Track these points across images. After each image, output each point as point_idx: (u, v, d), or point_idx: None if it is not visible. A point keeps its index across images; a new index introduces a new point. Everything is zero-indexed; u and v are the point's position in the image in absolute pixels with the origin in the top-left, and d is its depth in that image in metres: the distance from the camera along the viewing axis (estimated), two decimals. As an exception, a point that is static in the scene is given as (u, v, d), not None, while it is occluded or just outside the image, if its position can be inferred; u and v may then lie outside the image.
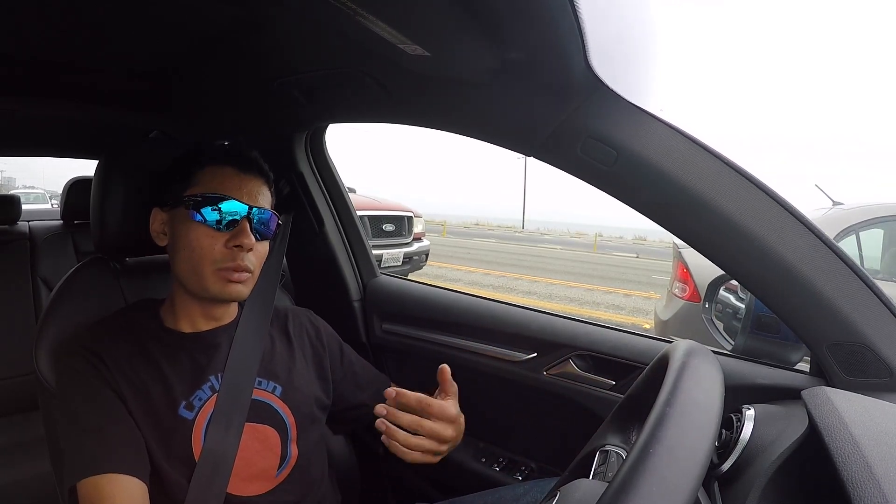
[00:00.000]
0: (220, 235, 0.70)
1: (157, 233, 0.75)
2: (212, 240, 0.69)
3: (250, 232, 0.71)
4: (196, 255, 0.69)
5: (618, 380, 0.94)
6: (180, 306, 0.75)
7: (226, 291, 0.70)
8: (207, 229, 0.69)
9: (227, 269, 0.69)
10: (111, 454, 0.63)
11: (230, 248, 0.69)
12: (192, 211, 0.69)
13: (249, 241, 0.70)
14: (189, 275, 0.71)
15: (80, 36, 0.85)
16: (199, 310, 0.75)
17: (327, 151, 1.22)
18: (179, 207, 0.71)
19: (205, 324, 0.76)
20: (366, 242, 1.28)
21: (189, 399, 0.70)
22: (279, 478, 0.74)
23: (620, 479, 0.34)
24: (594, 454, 0.61)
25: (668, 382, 0.43)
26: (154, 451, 0.67)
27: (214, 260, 0.69)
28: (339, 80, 0.85)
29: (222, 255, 0.69)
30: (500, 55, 0.64)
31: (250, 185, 0.74)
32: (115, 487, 0.61)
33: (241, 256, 0.70)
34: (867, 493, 0.39)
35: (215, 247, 0.69)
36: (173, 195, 0.72)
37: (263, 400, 0.76)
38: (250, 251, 0.71)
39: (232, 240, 0.69)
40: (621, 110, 0.68)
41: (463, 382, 0.97)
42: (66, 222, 1.91)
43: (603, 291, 7.54)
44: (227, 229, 0.70)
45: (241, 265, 0.70)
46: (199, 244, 0.69)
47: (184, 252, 0.70)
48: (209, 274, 0.69)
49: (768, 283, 0.66)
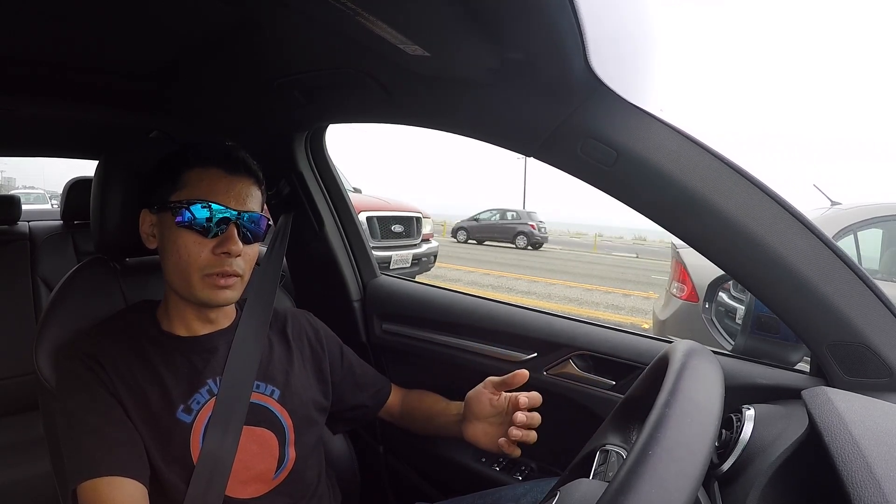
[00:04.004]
0: (208, 242, 0.69)
1: (147, 235, 0.74)
2: (199, 246, 0.68)
3: (238, 238, 0.69)
4: (183, 262, 0.68)
5: (618, 380, 0.94)
6: (174, 310, 0.75)
7: (214, 297, 0.70)
8: (194, 236, 0.68)
9: (215, 276, 0.69)
10: (110, 457, 0.63)
11: (218, 255, 0.69)
12: (179, 217, 0.68)
13: (237, 248, 0.69)
14: (178, 280, 0.70)
15: (80, 36, 0.85)
16: (194, 313, 0.75)
17: (327, 152, 1.22)
18: (167, 212, 0.70)
19: (201, 327, 0.76)
20: (366, 242, 1.28)
21: (187, 402, 0.70)
22: (276, 480, 0.75)
23: (620, 479, 0.34)
24: (594, 454, 0.61)
25: (668, 382, 0.43)
26: (152, 454, 0.67)
27: (201, 266, 0.68)
28: (340, 80, 0.85)
29: (209, 262, 0.69)
30: (500, 55, 0.64)
31: (238, 186, 0.72)
32: (114, 490, 0.61)
33: (228, 262, 0.69)
34: (867, 493, 0.39)
35: (202, 253, 0.68)
36: (160, 198, 0.71)
37: (261, 403, 0.76)
38: (238, 256, 0.70)
39: (219, 246, 0.68)
40: (621, 110, 0.68)
41: (463, 382, 0.97)
42: (66, 222, 1.90)
43: (602, 291, 7.55)
44: (214, 235, 0.69)
45: (229, 270, 0.69)
46: (186, 251, 0.68)
47: (172, 257, 0.69)
48: (197, 280, 0.69)
49: (768, 283, 0.66)
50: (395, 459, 1.23)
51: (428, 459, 1.17)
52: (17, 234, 1.80)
